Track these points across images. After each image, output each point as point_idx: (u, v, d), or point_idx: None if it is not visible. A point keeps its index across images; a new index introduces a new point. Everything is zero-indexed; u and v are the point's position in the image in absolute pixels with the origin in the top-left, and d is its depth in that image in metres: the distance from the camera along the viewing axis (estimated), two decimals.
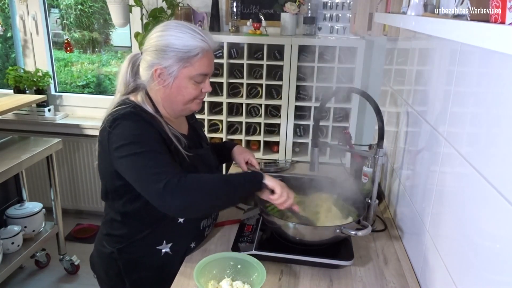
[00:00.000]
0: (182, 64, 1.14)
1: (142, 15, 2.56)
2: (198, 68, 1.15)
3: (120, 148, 1.08)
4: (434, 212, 1.08)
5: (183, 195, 1.03)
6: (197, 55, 1.14)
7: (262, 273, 1.05)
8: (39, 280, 2.46)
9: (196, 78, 1.17)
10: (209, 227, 1.34)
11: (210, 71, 1.20)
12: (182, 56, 1.13)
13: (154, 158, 1.07)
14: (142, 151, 1.07)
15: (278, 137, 2.49)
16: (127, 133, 1.09)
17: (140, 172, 1.06)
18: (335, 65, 2.29)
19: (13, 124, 2.91)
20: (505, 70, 0.74)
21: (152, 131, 1.12)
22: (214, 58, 1.22)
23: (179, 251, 1.24)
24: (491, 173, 0.77)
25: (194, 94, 1.19)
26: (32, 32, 2.91)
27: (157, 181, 1.03)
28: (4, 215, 2.32)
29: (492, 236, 0.75)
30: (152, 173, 1.05)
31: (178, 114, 1.26)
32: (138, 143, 1.08)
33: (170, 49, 1.13)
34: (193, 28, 1.16)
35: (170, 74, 1.15)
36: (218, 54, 2.40)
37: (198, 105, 1.24)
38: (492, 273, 0.75)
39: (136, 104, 1.17)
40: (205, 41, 1.15)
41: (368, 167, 1.55)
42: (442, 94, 1.08)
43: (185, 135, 1.26)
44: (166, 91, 1.18)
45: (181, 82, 1.16)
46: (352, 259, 1.18)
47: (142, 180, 1.06)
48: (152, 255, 1.22)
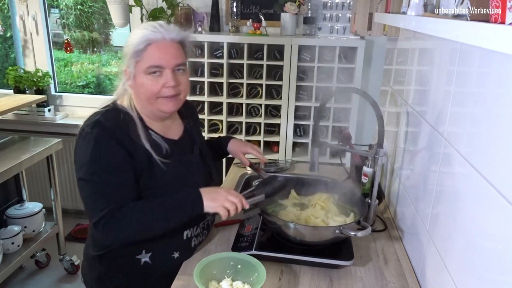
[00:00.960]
0: (135, 59, 1.13)
1: (142, 15, 2.56)
2: (148, 60, 1.12)
3: (76, 166, 1.13)
4: (434, 212, 1.08)
5: (112, 234, 1.09)
6: (145, 47, 1.12)
7: (262, 273, 1.05)
8: (39, 280, 2.46)
9: (149, 71, 1.13)
10: (199, 237, 1.28)
11: (165, 63, 1.13)
12: (133, 51, 1.12)
13: (97, 191, 1.10)
14: (89, 180, 1.10)
15: (278, 137, 2.49)
16: (84, 153, 1.10)
17: (84, 200, 1.13)
18: (335, 65, 2.29)
19: (13, 124, 2.90)
20: (505, 70, 0.74)
21: (110, 152, 1.10)
22: (175, 51, 1.15)
23: (160, 261, 1.21)
24: (491, 173, 0.77)
25: (153, 89, 1.14)
26: (32, 32, 2.91)
27: (92, 216, 1.09)
28: (4, 215, 2.32)
29: (492, 236, 0.75)
30: (90, 208, 1.11)
31: (155, 115, 1.21)
32: (89, 169, 1.10)
33: (126, 48, 1.14)
34: (152, 23, 1.15)
35: (131, 72, 1.15)
36: (218, 54, 2.41)
37: (167, 105, 1.17)
38: (492, 273, 0.75)
39: (114, 108, 1.17)
40: (156, 32, 1.12)
41: (368, 167, 1.55)
42: (442, 94, 1.08)
43: (174, 140, 1.24)
44: (134, 91, 1.18)
45: (138, 78, 1.15)
46: (352, 259, 1.18)
47: (86, 208, 1.13)
48: (132, 264, 1.20)
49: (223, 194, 1.15)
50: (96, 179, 1.10)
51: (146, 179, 1.15)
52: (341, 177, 1.85)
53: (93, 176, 1.10)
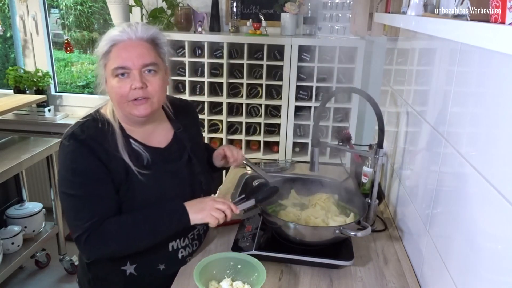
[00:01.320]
0: (103, 62, 1.10)
1: (142, 15, 2.56)
2: (113, 61, 1.08)
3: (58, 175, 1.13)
4: (434, 212, 1.08)
5: (95, 249, 1.09)
6: (110, 49, 1.08)
7: (262, 273, 1.05)
8: (39, 280, 2.46)
9: (115, 72, 1.08)
10: (187, 248, 1.24)
11: (130, 64, 1.07)
12: (101, 54, 1.10)
13: (78, 204, 1.09)
14: (70, 194, 1.09)
15: (278, 137, 2.49)
16: (63, 165, 1.10)
17: (66, 213, 1.12)
18: (335, 65, 2.29)
19: (13, 124, 2.90)
20: (505, 70, 0.74)
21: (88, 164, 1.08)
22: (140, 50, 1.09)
23: (145, 273, 1.19)
24: (491, 173, 0.77)
25: (121, 92, 1.08)
26: (32, 32, 2.91)
27: (73, 231, 1.09)
28: (4, 215, 2.32)
29: (492, 236, 0.75)
30: (71, 221, 1.10)
31: (132, 121, 1.17)
32: (69, 182, 1.09)
33: (96, 52, 1.12)
34: (122, 25, 1.11)
35: (102, 76, 1.13)
36: (218, 54, 2.41)
37: (137, 109, 1.10)
38: (492, 273, 0.75)
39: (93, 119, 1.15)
40: (122, 33, 1.08)
41: (368, 167, 1.55)
42: (442, 94, 1.08)
43: (159, 148, 1.20)
44: (109, 96, 1.15)
45: (108, 81, 1.11)
46: (352, 259, 1.18)
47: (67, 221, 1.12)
48: (117, 275, 1.18)
49: (209, 203, 1.14)
50: (75, 192, 1.08)
51: (124, 192, 1.12)
52: (341, 177, 1.85)
53: (73, 190, 1.08)
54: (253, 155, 2.53)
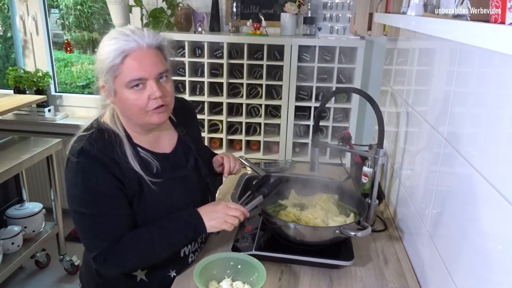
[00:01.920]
0: (112, 74, 1.04)
1: (142, 15, 2.56)
2: (127, 74, 1.03)
3: (68, 197, 1.08)
4: (434, 212, 1.08)
5: (114, 267, 1.08)
6: (123, 60, 1.02)
7: (262, 273, 1.05)
8: (39, 280, 2.46)
9: (131, 85, 1.03)
10: (196, 252, 1.25)
11: (147, 75, 1.04)
12: (109, 67, 1.03)
13: (93, 223, 1.06)
14: (84, 213, 1.06)
15: (278, 137, 2.49)
16: (74, 184, 1.05)
17: (80, 233, 1.09)
18: (335, 65, 2.29)
19: (13, 124, 2.90)
20: (505, 70, 0.74)
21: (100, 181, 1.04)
22: (152, 59, 1.05)
23: (156, 279, 1.18)
24: (491, 173, 0.77)
25: (139, 104, 1.05)
26: (32, 32, 2.91)
27: (90, 251, 1.07)
28: (4, 215, 2.32)
29: (492, 236, 0.75)
30: (87, 241, 1.08)
31: (143, 129, 1.14)
32: (82, 201, 1.05)
33: (99, 64, 1.05)
34: (120, 32, 1.04)
35: (110, 89, 1.07)
36: (218, 54, 2.41)
37: (157, 117, 1.08)
38: (492, 273, 0.75)
39: (97, 130, 1.10)
40: (129, 41, 1.02)
41: (368, 167, 1.55)
42: (442, 94, 1.08)
43: (165, 154, 1.18)
44: (117, 107, 1.11)
45: (120, 94, 1.06)
46: (352, 259, 1.18)
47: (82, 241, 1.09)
48: (128, 280, 1.17)
49: (222, 211, 1.13)
50: (89, 211, 1.05)
51: (137, 203, 1.10)
52: (341, 177, 1.85)
53: (87, 208, 1.05)
54: (253, 155, 2.53)
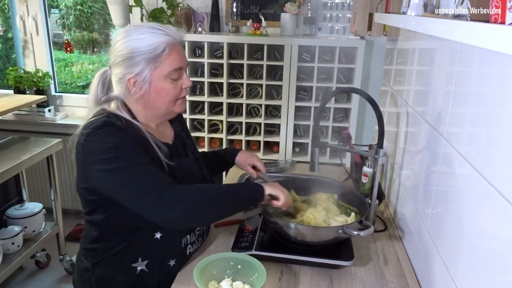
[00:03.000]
0: (153, 65, 1.09)
1: (142, 15, 2.56)
2: (170, 64, 1.10)
3: (102, 162, 1.04)
4: (434, 212, 1.08)
5: (180, 204, 1.04)
6: (165, 51, 1.09)
7: (262, 273, 1.05)
8: (39, 280, 2.46)
9: (171, 76, 1.11)
10: (194, 244, 1.25)
11: (184, 64, 1.14)
12: (149, 57, 1.08)
13: (141, 170, 1.04)
14: (129, 164, 1.03)
15: (278, 137, 2.49)
16: (105, 146, 1.04)
17: (131, 187, 1.03)
18: (335, 65, 2.30)
19: (13, 124, 2.91)
20: (505, 70, 0.74)
21: (130, 141, 1.06)
22: (183, 51, 1.16)
23: (156, 270, 1.17)
24: (491, 173, 0.77)
25: (174, 93, 1.14)
26: (32, 32, 2.91)
27: (153, 191, 1.02)
28: (4, 216, 2.32)
29: (491, 236, 0.75)
30: (145, 186, 1.03)
31: (163, 119, 1.21)
32: (122, 156, 1.03)
33: (136, 54, 1.08)
34: (153, 25, 1.11)
35: (144, 79, 1.09)
36: (218, 54, 2.41)
37: (181, 106, 1.19)
38: (492, 273, 0.75)
39: (111, 113, 1.11)
40: (168, 35, 1.10)
41: (368, 167, 1.55)
42: (442, 94, 1.08)
43: (168, 144, 1.21)
44: (145, 98, 1.13)
45: (157, 84, 1.11)
46: (352, 259, 1.18)
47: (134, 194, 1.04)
48: (127, 273, 1.16)
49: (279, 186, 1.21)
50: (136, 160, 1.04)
51: None
52: (341, 177, 1.85)
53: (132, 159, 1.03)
54: None
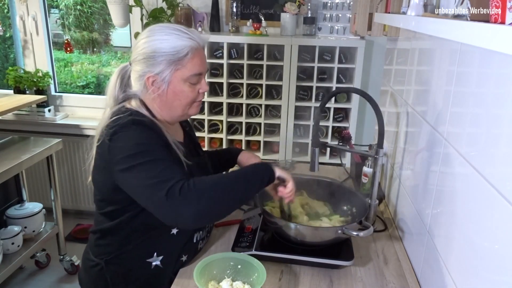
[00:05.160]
0: (174, 67, 1.09)
1: (142, 15, 2.56)
2: (191, 69, 1.11)
3: (122, 161, 1.02)
4: (434, 212, 1.08)
5: (195, 200, 0.96)
6: (187, 55, 1.09)
7: (262, 274, 1.05)
8: (39, 280, 2.46)
9: (191, 80, 1.12)
10: (203, 240, 1.28)
11: (204, 70, 1.16)
12: (171, 59, 1.08)
13: (161, 165, 1.01)
14: (146, 161, 1.01)
15: (278, 137, 2.49)
16: (130, 144, 1.03)
17: (142, 182, 0.99)
18: (335, 65, 2.29)
19: (13, 124, 2.90)
20: (505, 70, 0.74)
21: (155, 138, 1.07)
22: (205, 56, 1.17)
23: (170, 264, 1.18)
24: (491, 173, 0.77)
25: (191, 96, 1.15)
26: (32, 32, 2.91)
27: (158, 188, 0.96)
28: (4, 216, 2.32)
29: (492, 236, 0.75)
30: (156, 179, 0.98)
31: (177, 120, 1.22)
32: (142, 153, 1.02)
33: (158, 54, 1.08)
34: (178, 28, 1.12)
35: (163, 80, 1.10)
36: (218, 54, 2.41)
37: (197, 108, 1.20)
38: (492, 273, 0.75)
39: (134, 111, 1.12)
40: (193, 39, 1.10)
41: (368, 167, 1.55)
42: (442, 94, 1.08)
43: (181, 142, 1.22)
44: (162, 98, 1.13)
45: (176, 86, 1.12)
46: (352, 259, 1.18)
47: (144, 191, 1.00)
48: (142, 268, 1.16)
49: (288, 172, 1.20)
50: (154, 157, 1.02)
51: None
52: (341, 177, 1.85)
53: (150, 155, 1.02)
54: None
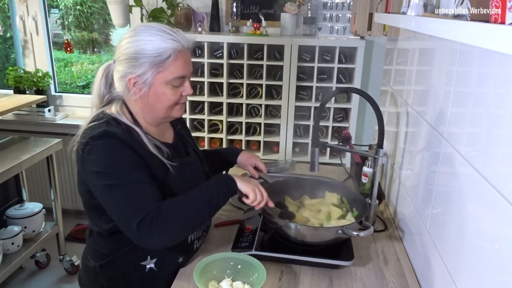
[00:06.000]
0: (156, 69, 1.07)
1: (142, 15, 2.56)
2: (173, 71, 1.08)
3: (95, 176, 1.05)
4: (434, 212, 1.08)
5: (165, 229, 1.02)
6: (170, 58, 1.07)
7: (262, 274, 1.05)
8: (39, 280, 2.46)
9: (173, 83, 1.10)
10: (200, 239, 1.27)
11: (188, 73, 1.13)
12: (154, 61, 1.06)
13: (129, 191, 1.03)
14: (117, 184, 1.03)
15: (278, 137, 2.49)
16: (101, 160, 1.05)
17: (115, 208, 1.05)
18: (335, 65, 2.29)
19: (13, 124, 2.90)
20: (505, 70, 0.74)
21: (127, 155, 1.06)
22: (190, 58, 1.14)
23: (165, 267, 1.18)
24: (491, 173, 0.77)
25: (173, 99, 1.12)
26: (32, 32, 2.91)
27: (132, 218, 1.01)
28: (4, 216, 2.32)
29: (491, 236, 0.75)
30: (126, 211, 1.02)
31: (159, 122, 1.20)
32: (112, 174, 1.04)
33: (141, 56, 1.06)
34: (163, 29, 1.09)
35: (145, 82, 1.08)
36: (218, 54, 2.41)
37: (180, 111, 1.18)
38: (492, 273, 0.75)
39: (111, 118, 1.10)
40: (177, 41, 1.08)
41: (368, 167, 1.55)
42: (442, 94, 1.08)
43: (169, 143, 1.21)
44: (143, 100, 1.12)
45: (158, 88, 1.10)
46: (352, 259, 1.18)
47: (118, 216, 1.05)
48: (136, 272, 1.16)
49: (254, 182, 1.17)
50: (124, 181, 1.03)
51: (160, 187, 1.10)
52: (341, 177, 1.85)
53: (120, 179, 1.03)
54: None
